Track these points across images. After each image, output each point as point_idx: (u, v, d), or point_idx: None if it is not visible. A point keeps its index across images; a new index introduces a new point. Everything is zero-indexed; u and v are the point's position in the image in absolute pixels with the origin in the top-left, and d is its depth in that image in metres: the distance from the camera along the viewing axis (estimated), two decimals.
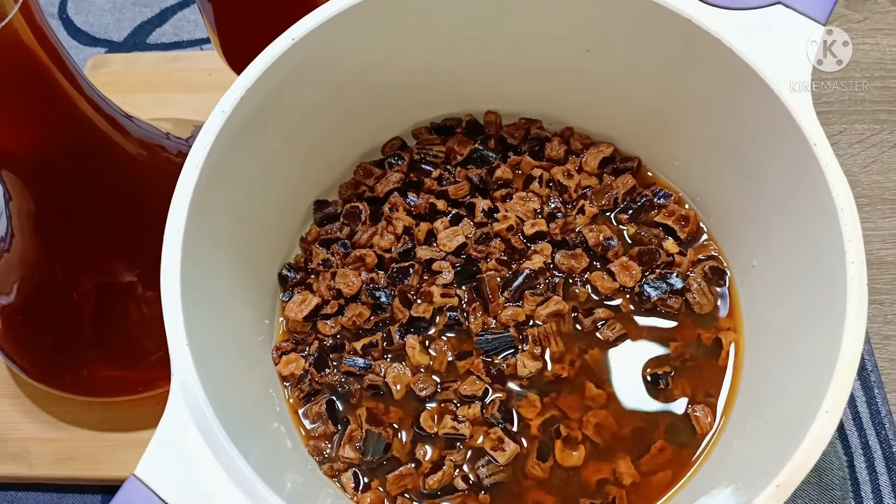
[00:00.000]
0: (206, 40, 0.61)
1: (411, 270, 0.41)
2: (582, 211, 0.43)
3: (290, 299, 0.42)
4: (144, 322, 0.42)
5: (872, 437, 0.43)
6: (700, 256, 0.42)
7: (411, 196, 0.44)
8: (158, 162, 0.42)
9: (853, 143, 0.53)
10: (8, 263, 0.42)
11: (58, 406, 0.45)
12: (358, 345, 0.40)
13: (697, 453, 0.37)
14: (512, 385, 0.39)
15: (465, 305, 0.41)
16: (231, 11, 0.44)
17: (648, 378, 0.39)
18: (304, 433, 0.39)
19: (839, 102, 0.55)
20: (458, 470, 0.37)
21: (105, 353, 0.43)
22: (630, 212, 0.43)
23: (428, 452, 0.38)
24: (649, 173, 0.45)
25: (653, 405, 0.38)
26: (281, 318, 0.42)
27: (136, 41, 0.62)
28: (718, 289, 0.41)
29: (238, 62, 0.46)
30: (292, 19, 0.37)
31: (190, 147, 0.45)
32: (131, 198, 0.41)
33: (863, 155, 0.52)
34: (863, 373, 0.45)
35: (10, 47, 0.32)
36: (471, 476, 0.37)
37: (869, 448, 0.43)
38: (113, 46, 0.62)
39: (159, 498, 0.28)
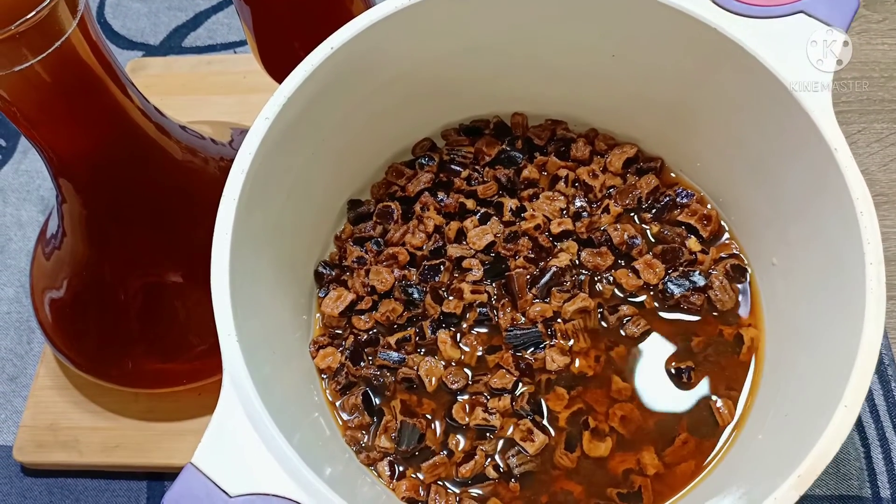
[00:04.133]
0: (240, 43, 0.63)
1: (442, 268, 0.43)
2: (607, 210, 0.44)
3: (326, 295, 0.43)
4: (188, 317, 0.44)
5: (889, 430, 0.45)
6: (722, 254, 0.43)
7: (441, 195, 0.46)
8: (203, 166, 0.44)
9: (872, 142, 0.54)
10: (59, 260, 0.44)
11: (105, 397, 0.47)
12: (392, 339, 0.42)
13: (719, 445, 0.38)
14: (540, 378, 0.40)
15: (494, 302, 0.43)
16: (269, 15, 0.45)
17: (672, 372, 0.40)
18: (341, 424, 0.41)
19: (858, 102, 0.56)
20: (489, 459, 0.39)
21: (150, 346, 0.44)
22: (653, 211, 0.44)
23: (460, 443, 0.40)
24: (672, 173, 0.46)
25: (676, 398, 0.40)
26: (317, 314, 0.43)
27: (172, 45, 0.63)
28: (740, 286, 0.42)
29: (273, 64, 0.48)
30: (327, 24, 0.38)
31: (231, 150, 0.47)
32: (177, 200, 0.43)
33: (881, 154, 0.53)
34: (880, 367, 0.46)
35: (68, 61, 0.34)
36: (501, 465, 0.39)
37: (886, 440, 0.44)
38: (149, 50, 0.63)
39: (214, 484, 0.30)
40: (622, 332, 0.41)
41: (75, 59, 0.34)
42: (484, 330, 0.42)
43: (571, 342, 0.41)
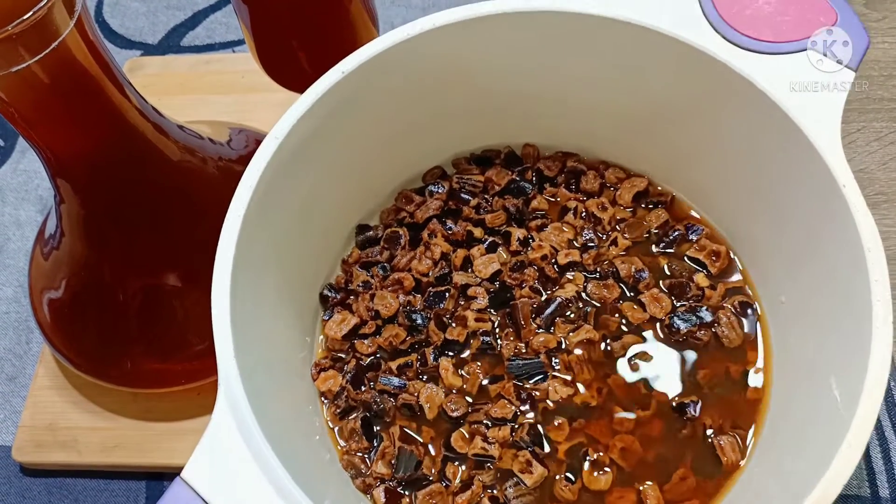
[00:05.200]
0: (238, 42, 0.63)
1: (447, 295, 0.43)
2: (615, 243, 0.44)
3: (330, 318, 0.43)
4: (187, 317, 0.44)
5: (889, 430, 0.44)
6: (731, 290, 0.43)
7: (449, 223, 0.46)
8: (201, 166, 0.44)
9: (871, 140, 0.53)
10: (57, 260, 0.44)
11: (104, 397, 0.47)
12: (393, 364, 0.42)
13: (722, 483, 0.37)
14: (542, 409, 0.40)
15: (498, 331, 0.42)
16: (266, 14, 0.45)
17: (676, 407, 0.39)
18: (339, 448, 0.40)
19: (857, 100, 0.55)
20: (486, 490, 0.38)
21: (149, 346, 0.44)
22: (662, 245, 0.44)
23: (458, 472, 0.39)
24: (683, 206, 0.46)
25: (680, 434, 0.39)
26: (321, 336, 0.43)
27: (170, 44, 0.63)
28: (748, 323, 0.41)
29: (271, 64, 0.48)
30: (326, 24, 0.38)
31: (230, 150, 0.46)
32: (175, 200, 0.43)
33: (881, 153, 0.53)
34: None
35: (65, 61, 0.33)
36: (499, 497, 0.38)
37: (885, 439, 0.44)
38: (148, 49, 0.63)
39: (204, 501, 0.29)
40: (627, 365, 0.41)
41: (72, 59, 0.34)
42: (486, 359, 0.42)
43: (574, 373, 0.40)
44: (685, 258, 0.44)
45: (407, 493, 0.39)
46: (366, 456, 0.40)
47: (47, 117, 0.36)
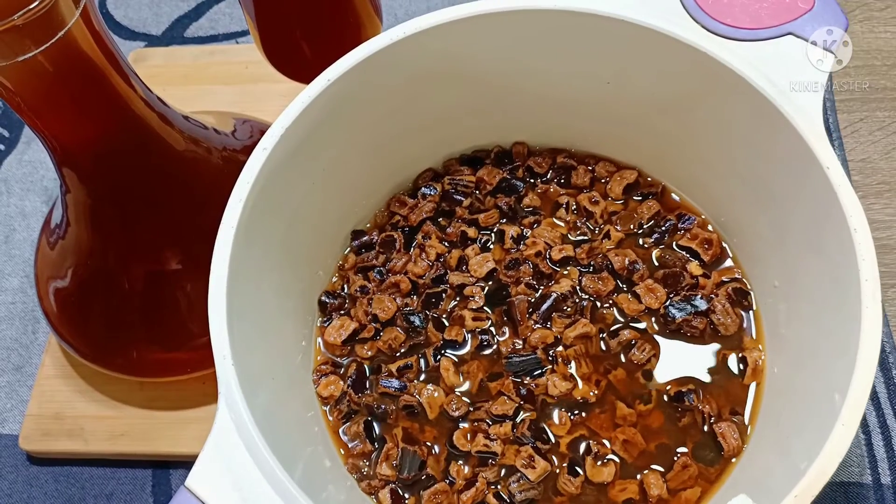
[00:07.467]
0: (242, 33, 0.63)
1: (444, 295, 0.43)
2: (608, 236, 0.44)
3: (328, 324, 0.44)
4: (192, 306, 0.44)
5: (890, 417, 0.45)
6: (724, 278, 0.43)
7: (443, 224, 0.46)
8: (206, 156, 0.44)
9: (874, 130, 0.54)
10: (63, 250, 0.44)
11: (110, 386, 0.47)
12: (394, 367, 0.42)
13: (723, 469, 0.38)
14: (542, 404, 0.40)
15: (495, 329, 0.43)
16: (271, 4, 0.45)
17: (674, 396, 0.40)
18: (343, 452, 0.41)
19: (860, 90, 0.56)
20: (490, 487, 0.39)
21: (154, 336, 0.45)
22: (655, 236, 0.44)
23: (462, 470, 0.39)
24: (674, 196, 0.46)
25: (679, 423, 0.39)
26: (320, 342, 0.44)
27: (174, 35, 0.63)
28: (742, 309, 0.42)
29: (276, 54, 0.48)
30: (330, 13, 0.37)
31: (234, 140, 0.47)
32: (180, 190, 0.43)
33: (884, 142, 0.53)
34: (882, 355, 0.46)
35: (71, 51, 0.34)
36: (503, 493, 0.38)
37: (886, 427, 0.44)
38: (152, 40, 0.63)
39: None
40: (625, 358, 0.41)
41: (78, 49, 0.34)
42: (485, 357, 0.42)
43: (573, 368, 0.41)
44: (678, 248, 0.44)
45: (413, 492, 0.39)
46: (369, 459, 0.40)
47: (53, 107, 0.36)
